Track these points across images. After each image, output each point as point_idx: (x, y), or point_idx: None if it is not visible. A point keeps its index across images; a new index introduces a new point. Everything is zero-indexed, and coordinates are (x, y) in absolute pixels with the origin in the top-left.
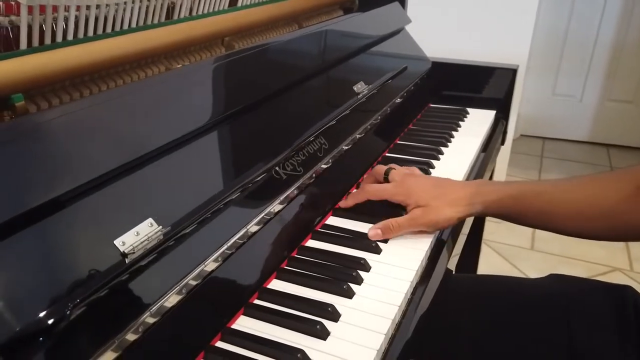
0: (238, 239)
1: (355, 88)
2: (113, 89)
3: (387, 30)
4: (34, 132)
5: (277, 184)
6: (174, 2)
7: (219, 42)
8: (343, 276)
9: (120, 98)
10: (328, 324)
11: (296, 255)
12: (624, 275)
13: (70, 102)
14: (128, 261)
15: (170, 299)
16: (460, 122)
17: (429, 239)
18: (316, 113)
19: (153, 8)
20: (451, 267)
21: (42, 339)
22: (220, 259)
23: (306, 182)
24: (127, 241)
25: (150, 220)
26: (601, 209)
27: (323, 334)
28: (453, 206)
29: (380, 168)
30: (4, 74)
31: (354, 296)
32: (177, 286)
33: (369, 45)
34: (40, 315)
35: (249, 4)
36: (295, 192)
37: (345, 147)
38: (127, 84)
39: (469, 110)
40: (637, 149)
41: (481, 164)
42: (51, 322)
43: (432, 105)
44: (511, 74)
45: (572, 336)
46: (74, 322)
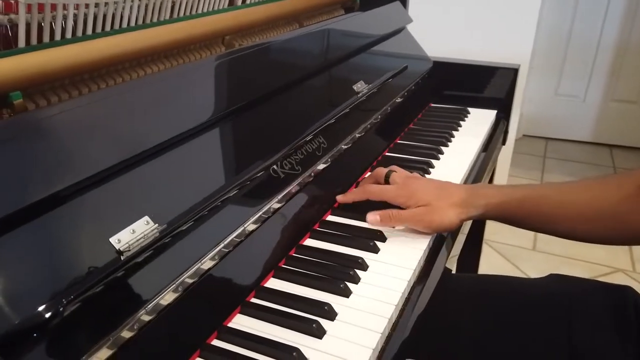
0: (235, 237)
1: (355, 87)
2: (111, 87)
3: (388, 30)
4: (30, 129)
5: (275, 182)
6: (174, 0)
7: (219, 41)
8: (340, 275)
9: (117, 96)
10: (324, 322)
11: (294, 254)
12: (627, 276)
13: (67, 100)
14: (123, 258)
15: (166, 297)
16: (461, 122)
17: (427, 239)
18: (315, 112)
19: (152, 6)
20: (451, 266)
21: (36, 335)
22: (217, 257)
23: (305, 181)
24: (122, 239)
25: (146, 218)
26: (603, 210)
27: (319, 332)
28: (456, 208)
29: (381, 170)
30: (2, 72)
31: (351, 295)
32: (173, 284)
33: (370, 44)
34: (35, 311)
35: (249, 3)
36: (294, 191)
37: (344, 147)
38: (126, 82)
39: (470, 109)
40: None
41: (481, 163)
42: (46, 318)
43: (433, 104)
44: (512, 74)
45: (573, 336)
46: (69, 318)
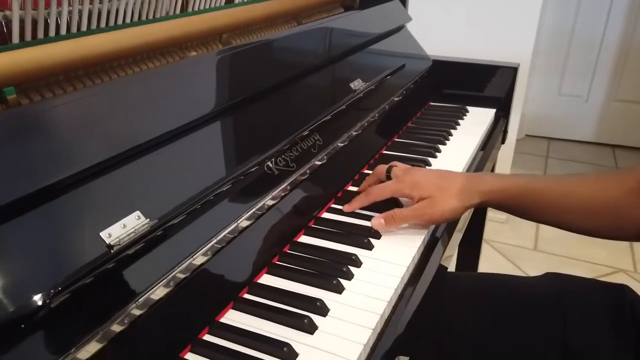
0: (228, 233)
1: (352, 85)
2: (104, 82)
3: (386, 28)
4: (22, 123)
5: (269, 179)
6: None
7: (217, 39)
8: (333, 271)
9: (111, 91)
10: (316, 318)
11: (288, 251)
12: (628, 276)
13: (60, 95)
14: (113, 252)
15: (157, 292)
16: (460, 120)
17: (422, 236)
18: (311, 109)
19: (148, 3)
20: (451, 265)
21: (25, 326)
22: (209, 252)
23: (300, 178)
24: (113, 233)
25: (137, 213)
26: (604, 204)
27: (311, 328)
28: (458, 196)
29: (382, 167)
30: None
31: (344, 291)
32: (164, 279)
33: (368, 42)
34: (24, 302)
35: (247, 0)
36: (288, 187)
37: (340, 144)
38: (120, 78)
39: (469, 108)
40: None
41: (479, 162)
42: (35, 309)
43: (432, 103)
44: (512, 73)
45: (568, 335)
46: (58, 310)
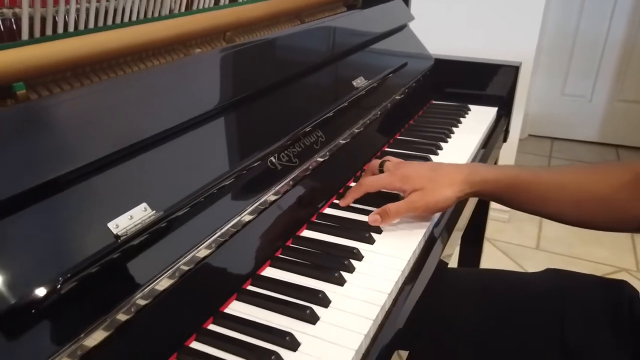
0: (232, 226)
1: (355, 83)
2: (112, 78)
3: (389, 27)
4: (34, 117)
5: (272, 173)
6: None
7: (221, 37)
8: (335, 264)
9: (119, 86)
10: (318, 309)
11: (291, 245)
12: (631, 275)
13: (69, 91)
14: (120, 242)
15: (162, 282)
16: (461, 119)
17: (422, 230)
18: (314, 106)
19: (154, 1)
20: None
21: (35, 312)
22: (214, 245)
23: (302, 173)
24: (120, 224)
25: (144, 205)
26: (595, 196)
27: (313, 318)
28: (450, 186)
29: (375, 162)
30: (6, 62)
31: (345, 284)
32: (169, 270)
33: (371, 41)
34: (34, 289)
35: None
36: (291, 183)
37: (343, 141)
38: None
39: (471, 107)
40: None
41: (480, 160)
42: (44, 296)
43: (434, 102)
44: (514, 71)
45: (567, 330)
46: (66, 297)
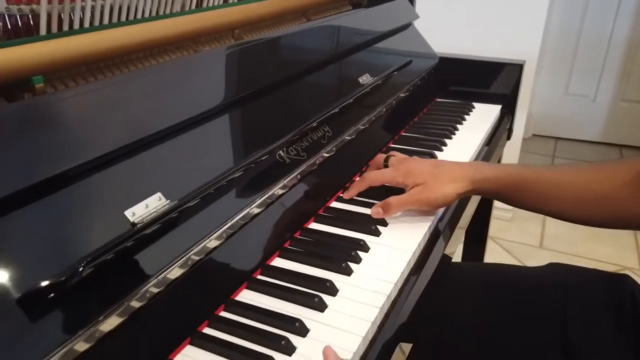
0: (242, 217)
1: (361, 79)
2: (127, 72)
3: (394, 25)
4: (56, 108)
5: (281, 167)
6: None
7: (229, 35)
8: (342, 255)
9: (134, 81)
10: (326, 298)
11: (298, 236)
12: (634, 274)
13: (87, 84)
14: (136, 229)
15: (174, 271)
16: (465, 116)
17: (427, 223)
18: (321, 102)
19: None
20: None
21: (56, 295)
22: (224, 235)
23: (309, 168)
24: (137, 212)
25: (159, 195)
26: (597, 194)
27: (321, 306)
28: (451, 182)
29: (380, 157)
30: (25, 56)
31: (352, 274)
32: (182, 258)
33: (376, 39)
34: (55, 273)
35: None
36: (299, 176)
37: (349, 136)
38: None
39: (475, 104)
40: None
41: (484, 157)
42: (64, 280)
43: (439, 99)
44: (518, 70)
45: (568, 324)
46: (85, 282)
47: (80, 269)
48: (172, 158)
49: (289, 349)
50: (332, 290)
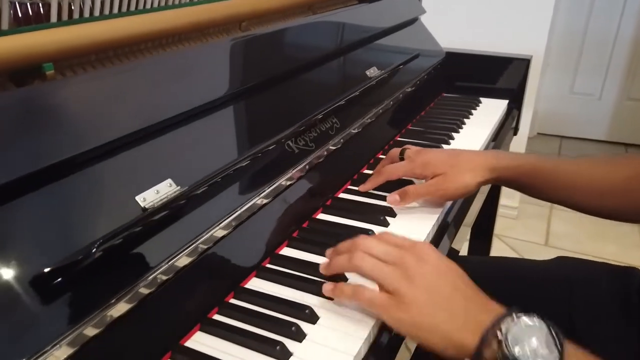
0: (250, 207)
1: (368, 72)
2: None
3: (401, 20)
4: (68, 93)
5: (289, 157)
6: None
7: (237, 27)
8: None
9: (147, 67)
10: None
11: (307, 227)
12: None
13: (101, 69)
14: (147, 214)
15: (183, 259)
16: (472, 110)
17: (436, 215)
18: (329, 94)
19: None
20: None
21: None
22: (234, 223)
23: (317, 159)
24: (147, 198)
25: (169, 181)
26: (613, 186)
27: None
28: (471, 171)
29: (395, 150)
30: (36, 43)
31: None
32: (191, 245)
33: (383, 33)
34: (67, 256)
35: None
36: (307, 167)
37: (356, 129)
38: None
39: (482, 99)
40: None
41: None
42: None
43: (445, 94)
44: (525, 65)
45: (574, 317)
46: (95, 266)
47: (94, 250)
48: (182, 145)
49: (300, 335)
50: (342, 279)
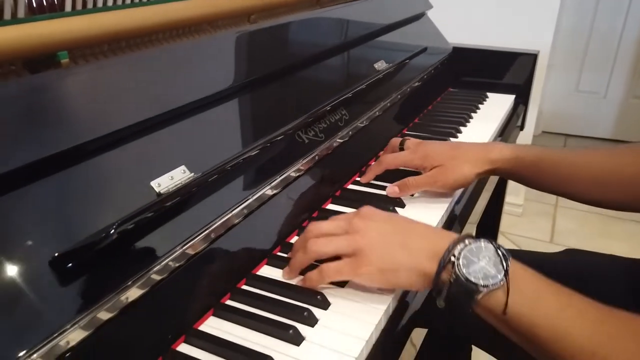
0: (260, 196)
1: (376, 65)
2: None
3: (408, 14)
4: (88, 80)
5: (299, 147)
6: None
7: (245, 20)
8: None
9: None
10: None
11: (316, 216)
12: None
13: (118, 57)
14: (161, 199)
15: (197, 244)
16: (480, 105)
17: (445, 204)
18: (338, 86)
19: None
20: None
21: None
22: (246, 210)
23: (326, 150)
24: (162, 183)
25: (183, 167)
26: (615, 176)
27: (342, 282)
28: (470, 163)
29: (396, 140)
30: (52, 32)
31: None
32: (204, 231)
33: (390, 27)
34: (84, 239)
35: None
36: (317, 157)
37: (364, 122)
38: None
39: (489, 94)
40: None
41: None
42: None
43: (451, 89)
44: (532, 60)
45: None
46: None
47: (112, 232)
48: (195, 133)
49: (312, 320)
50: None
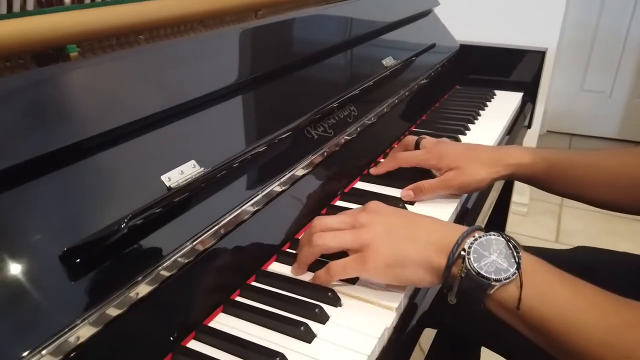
0: (269, 192)
1: (384, 62)
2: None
3: (415, 11)
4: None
5: (308, 142)
6: None
7: (252, 15)
8: None
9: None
10: None
11: (325, 213)
12: None
13: (129, 50)
14: (171, 193)
15: (207, 239)
16: (487, 102)
17: (455, 203)
18: (346, 82)
19: None
20: None
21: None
22: (255, 205)
23: (334, 147)
24: (172, 177)
25: (193, 162)
26: (630, 178)
27: (352, 279)
28: (485, 167)
29: (411, 138)
30: (61, 25)
31: None
32: (214, 227)
33: (397, 24)
34: (96, 232)
35: None
36: (325, 153)
37: (372, 119)
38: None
39: (496, 92)
40: None
41: (506, 143)
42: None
43: (458, 87)
44: (540, 57)
45: None
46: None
47: (123, 226)
48: (205, 128)
49: (323, 317)
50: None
